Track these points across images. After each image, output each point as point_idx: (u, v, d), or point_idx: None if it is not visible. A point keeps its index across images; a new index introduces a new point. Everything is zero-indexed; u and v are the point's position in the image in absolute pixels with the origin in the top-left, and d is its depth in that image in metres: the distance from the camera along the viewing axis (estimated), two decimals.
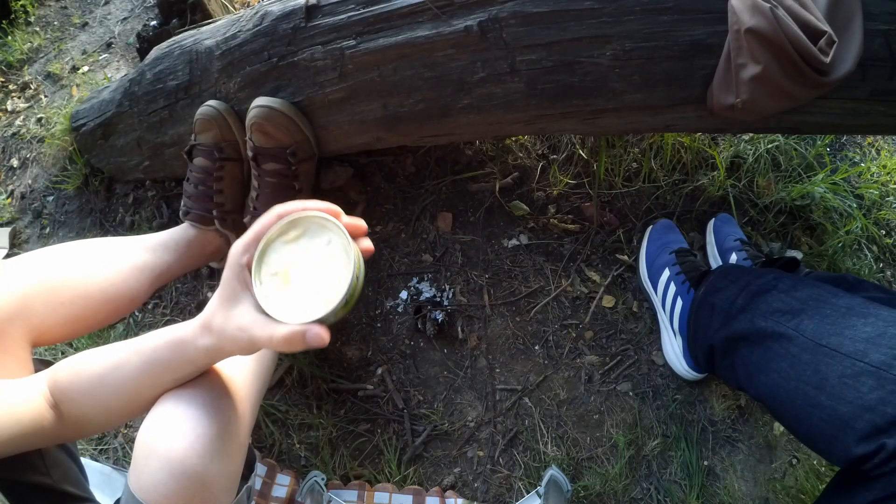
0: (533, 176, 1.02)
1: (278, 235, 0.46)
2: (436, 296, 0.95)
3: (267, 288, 0.45)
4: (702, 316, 0.78)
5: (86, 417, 0.53)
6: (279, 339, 0.43)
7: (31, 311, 0.61)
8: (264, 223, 0.46)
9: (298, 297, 0.45)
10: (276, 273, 0.46)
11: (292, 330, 0.43)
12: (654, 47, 0.69)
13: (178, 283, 1.04)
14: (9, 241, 1.16)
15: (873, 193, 1.06)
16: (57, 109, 1.22)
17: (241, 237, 0.47)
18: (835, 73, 0.65)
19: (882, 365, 0.52)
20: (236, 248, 0.47)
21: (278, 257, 0.46)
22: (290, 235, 0.46)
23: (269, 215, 0.47)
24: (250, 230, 0.47)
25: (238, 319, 0.45)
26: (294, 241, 0.46)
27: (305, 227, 0.46)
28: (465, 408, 0.91)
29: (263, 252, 0.46)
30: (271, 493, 0.81)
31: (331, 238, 0.46)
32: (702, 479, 0.86)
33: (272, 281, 0.46)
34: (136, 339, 0.52)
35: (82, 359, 0.53)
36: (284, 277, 0.46)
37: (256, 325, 0.44)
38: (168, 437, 0.46)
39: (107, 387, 0.51)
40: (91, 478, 0.72)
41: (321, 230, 0.46)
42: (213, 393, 0.52)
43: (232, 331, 0.45)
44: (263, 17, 0.80)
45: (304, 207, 0.46)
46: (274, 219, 0.46)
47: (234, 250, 0.47)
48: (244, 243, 0.47)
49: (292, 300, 0.45)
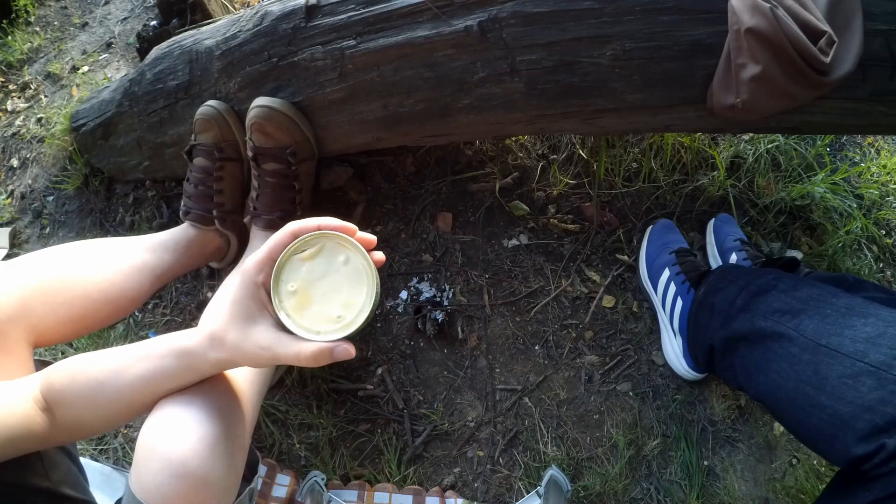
0: (533, 176, 1.02)
1: (294, 253, 0.47)
2: (436, 296, 0.95)
3: (287, 306, 0.46)
4: (702, 316, 0.78)
5: (79, 421, 0.52)
6: (307, 356, 0.45)
7: (31, 312, 0.60)
8: (278, 241, 0.47)
9: (320, 315, 0.46)
10: (294, 291, 0.46)
11: (320, 347, 0.45)
12: (654, 47, 0.69)
13: (178, 283, 1.04)
14: (9, 241, 1.16)
15: (873, 193, 1.06)
16: (57, 109, 1.22)
17: (254, 255, 0.47)
18: (835, 73, 0.65)
19: (882, 365, 0.52)
20: (250, 266, 0.47)
21: (296, 275, 0.47)
22: (306, 253, 0.47)
23: (283, 233, 0.47)
24: (263, 248, 0.47)
25: (257, 339, 0.46)
26: (311, 259, 0.47)
27: (321, 244, 0.47)
28: (465, 408, 0.91)
29: (280, 270, 0.47)
30: (271, 493, 0.81)
31: (349, 256, 0.47)
32: (702, 479, 0.86)
33: (291, 299, 0.46)
34: (134, 345, 0.52)
35: (79, 362, 0.53)
36: (304, 295, 0.46)
37: (280, 343, 0.45)
38: (170, 438, 0.46)
39: (105, 392, 0.50)
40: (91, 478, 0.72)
41: (338, 248, 0.47)
42: (214, 395, 0.52)
43: (251, 349, 0.46)
44: (263, 17, 0.80)
45: (318, 225, 0.47)
46: (288, 237, 0.47)
47: (247, 268, 0.47)
48: (258, 262, 0.47)
49: (314, 318, 0.46)
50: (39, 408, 0.52)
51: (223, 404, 0.52)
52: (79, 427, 0.53)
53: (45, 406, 0.52)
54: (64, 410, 0.52)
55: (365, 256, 0.46)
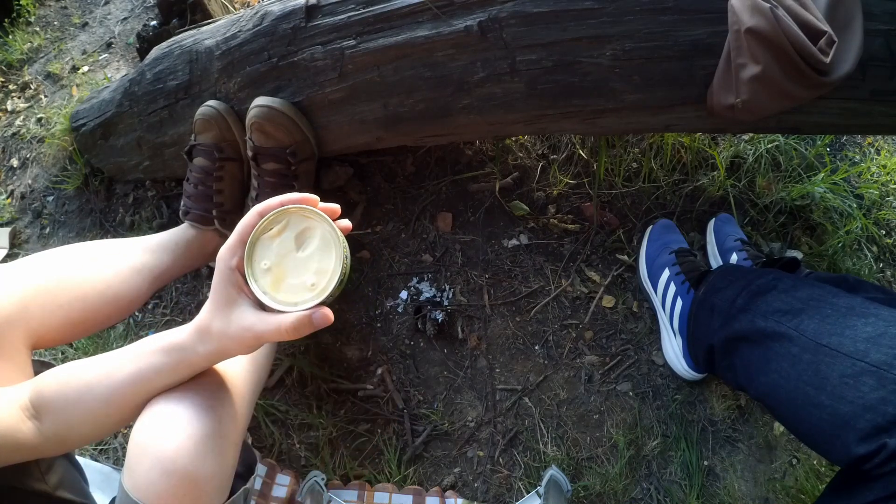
0: (533, 176, 1.02)
1: (262, 233, 0.48)
2: (436, 296, 0.95)
3: (263, 284, 0.48)
4: (702, 316, 0.78)
5: (69, 427, 0.51)
6: (288, 326, 0.45)
7: (30, 315, 0.60)
8: (246, 223, 0.48)
9: (295, 287, 0.47)
10: (268, 269, 0.48)
11: (298, 316, 0.45)
12: (654, 47, 0.69)
13: (178, 283, 1.04)
14: (9, 241, 1.16)
15: (873, 193, 1.06)
16: (57, 109, 1.22)
17: (226, 242, 0.48)
18: (835, 73, 0.65)
19: (883, 364, 0.52)
20: (223, 252, 0.48)
21: (267, 253, 0.48)
22: (274, 231, 0.48)
23: (250, 215, 0.48)
24: (234, 233, 0.48)
25: (239, 321, 0.47)
26: (279, 236, 0.48)
27: (286, 220, 0.48)
28: (465, 408, 0.91)
29: (251, 251, 0.48)
30: (271, 493, 0.81)
31: (313, 226, 0.48)
32: (702, 479, 0.86)
33: (266, 276, 0.48)
34: (124, 348, 0.52)
35: (69, 368, 0.52)
36: (277, 271, 0.48)
37: (260, 321, 0.46)
38: (160, 436, 0.47)
39: (94, 393, 0.50)
40: (91, 477, 0.72)
41: (302, 220, 0.48)
42: (205, 393, 0.52)
43: (235, 332, 0.47)
44: (263, 17, 0.80)
45: (281, 202, 0.48)
46: (255, 217, 0.48)
47: (221, 255, 0.48)
48: (229, 247, 0.48)
49: (290, 290, 0.47)
50: (27, 416, 0.51)
51: (214, 401, 0.52)
52: (67, 434, 0.52)
53: (34, 414, 0.51)
54: (53, 416, 0.51)
55: (330, 224, 0.48)
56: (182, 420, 0.48)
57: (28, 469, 0.55)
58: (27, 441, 0.51)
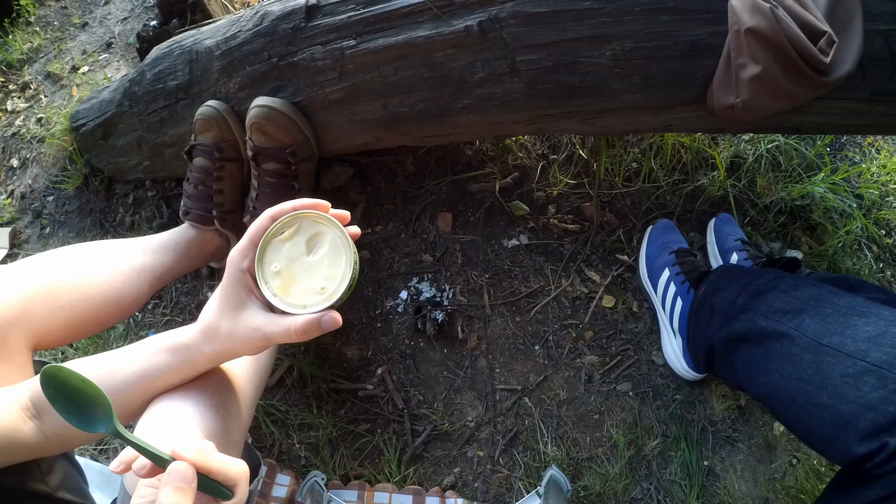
0: (533, 176, 1.02)
1: (274, 236, 0.49)
2: (436, 296, 0.95)
3: (273, 286, 0.48)
4: (702, 316, 0.78)
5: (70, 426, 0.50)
6: (297, 329, 0.46)
7: (31, 316, 0.60)
8: (258, 227, 0.48)
9: (305, 290, 0.48)
10: (278, 271, 0.48)
11: (307, 319, 0.46)
12: (654, 47, 0.69)
13: (178, 283, 1.04)
14: (9, 241, 1.16)
15: (873, 193, 1.06)
16: (57, 109, 1.22)
17: (237, 245, 0.49)
18: (835, 73, 0.65)
19: (884, 364, 0.52)
20: (234, 255, 0.48)
21: (278, 256, 0.48)
22: (286, 234, 0.49)
23: (262, 219, 0.48)
24: (245, 236, 0.49)
25: (248, 322, 0.47)
26: (290, 239, 0.49)
27: (298, 224, 0.49)
28: (465, 408, 0.91)
29: (262, 253, 0.48)
30: (271, 493, 0.81)
31: (324, 230, 0.49)
32: (702, 479, 0.86)
33: (276, 279, 0.48)
34: (128, 347, 0.52)
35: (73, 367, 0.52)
36: (287, 274, 0.48)
37: (269, 322, 0.47)
38: (163, 433, 0.47)
39: None
40: (91, 477, 0.72)
41: (313, 225, 0.49)
42: (209, 392, 0.52)
43: (244, 333, 0.47)
44: (263, 17, 0.80)
45: (293, 207, 0.49)
46: (267, 221, 0.48)
47: (232, 257, 0.48)
48: (241, 249, 0.48)
49: (299, 294, 0.48)
50: (28, 416, 0.51)
51: (218, 401, 0.52)
52: (69, 433, 0.52)
53: (35, 413, 0.51)
54: (54, 415, 0.51)
55: (340, 229, 0.48)
56: (185, 419, 0.48)
57: (29, 470, 0.55)
58: (28, 441, 0.51)
